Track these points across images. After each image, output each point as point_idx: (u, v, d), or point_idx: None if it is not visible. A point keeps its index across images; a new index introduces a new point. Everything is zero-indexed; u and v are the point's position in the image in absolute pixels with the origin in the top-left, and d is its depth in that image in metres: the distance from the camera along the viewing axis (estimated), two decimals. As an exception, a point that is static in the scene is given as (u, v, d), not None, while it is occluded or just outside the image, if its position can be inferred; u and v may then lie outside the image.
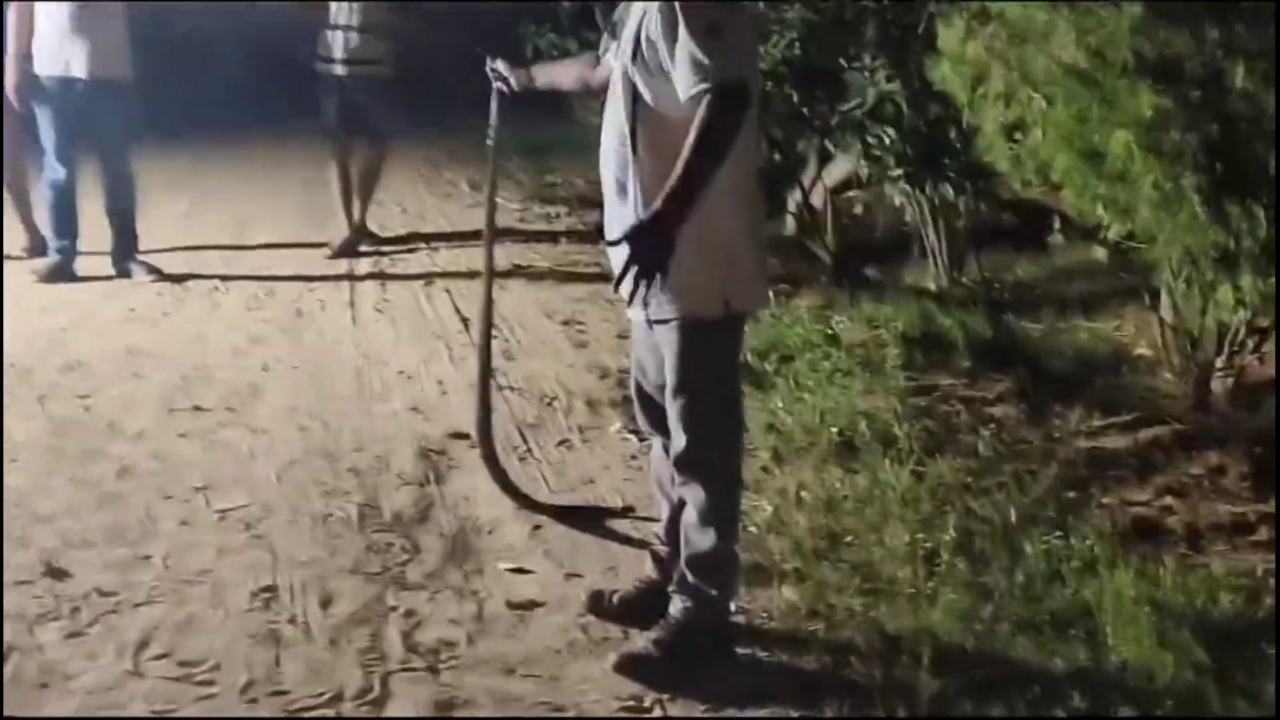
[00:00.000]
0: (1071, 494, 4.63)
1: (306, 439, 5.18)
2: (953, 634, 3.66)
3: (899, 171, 7.80)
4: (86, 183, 7.76)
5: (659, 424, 3.66)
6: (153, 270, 7.58)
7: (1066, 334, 6.94)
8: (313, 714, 3.32)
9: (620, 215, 3.42)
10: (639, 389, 3.74)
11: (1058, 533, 4.23)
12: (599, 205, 9.50)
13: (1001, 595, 3.85)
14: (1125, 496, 4.74)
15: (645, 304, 3.18)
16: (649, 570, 3.88)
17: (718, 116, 3.06)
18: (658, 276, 3.05)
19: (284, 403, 5.59)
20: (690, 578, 3.55)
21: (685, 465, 3.49)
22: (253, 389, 5.75)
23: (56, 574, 3.99)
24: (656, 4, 3.23)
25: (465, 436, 5.18)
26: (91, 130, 7.52)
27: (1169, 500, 4.73)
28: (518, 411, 5.52)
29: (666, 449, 3.67)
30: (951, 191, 7.77)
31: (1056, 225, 7.59)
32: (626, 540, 4.33)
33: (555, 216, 9.70)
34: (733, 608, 3.68)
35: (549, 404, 5.62)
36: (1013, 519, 4.33)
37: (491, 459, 4.64)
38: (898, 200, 8.14)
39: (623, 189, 3.42)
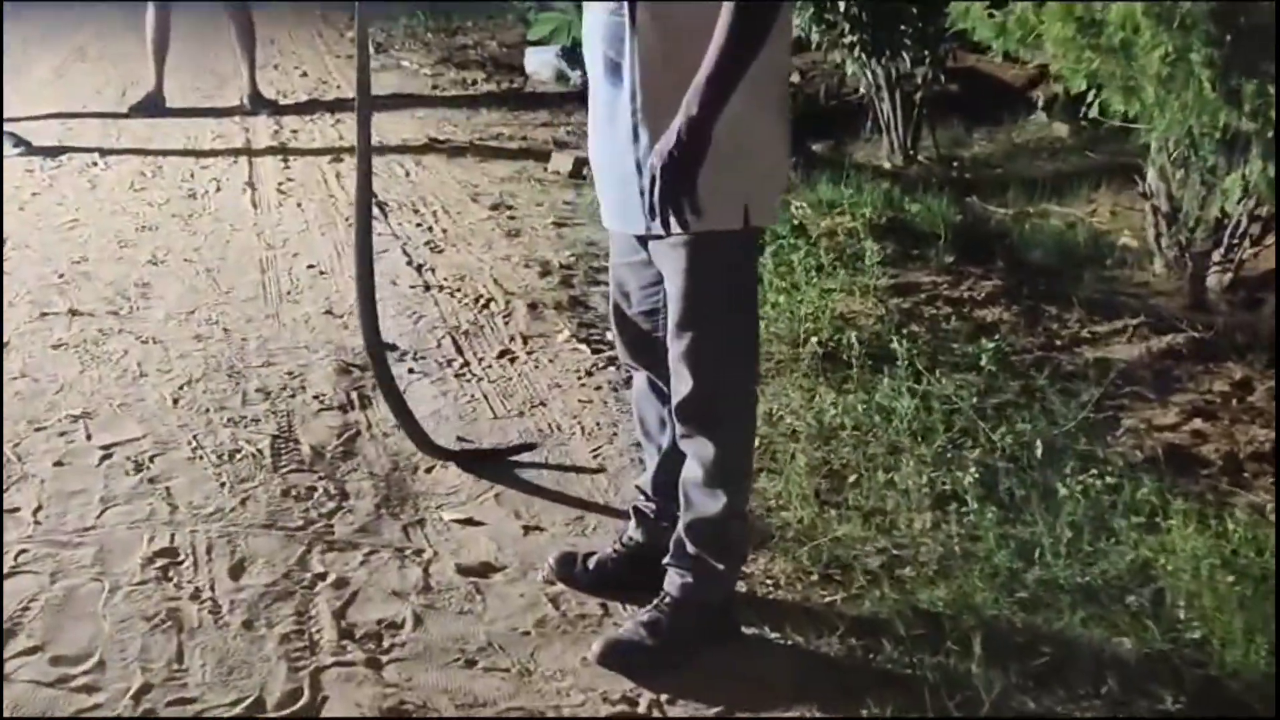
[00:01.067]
0: (1089, 416, 4.02)
1: (205, 351, 4.43)
2: (995, 605, 3.04)
3: (853, 39, 7.18)
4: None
5: (643, 354, 3.00)
6: (20, 142, 6.69)
7: (1037, 219, 6.37)
8: (227, 729, 2.63)
9: (610, 100, 2.72)
10: (618, 312, 3.05)
11: (1092, 471, 3.62)
12: (517, 70, 8.91)
13: (1043, 553, 3.24)
14: (1148, 419, 4.16)
15: (670, 228, 2.52)
16: (632, 530, 3.22)
17: (748, 8, 2.42)
18: (686, 199, 2.46)
19: (177, 305, 4.83)
20: (690, 547, 2.90)
21: (690, 414, 2.81)
22: (140, 288, 4.98)
23: (-99, 537, 3.25)
24: None
25: (392, 347, 4.48)
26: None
27: (1198, 424, 4.17)
28: (449, 316, 4.80)
29: (654, 385, 3.01)
30: (909, 62, 7.19)
31: (1040, 102, 6.93)
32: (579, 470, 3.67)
33: (472, 83, 8.87)
34: (738, 581, 3.02)
35: (485, 306, 4.90)
36: (1039, 452, 3.71)
37: (391, 389, 3.77)
38: (850, 70, 7.49)
39: (614, 69, 2.69)
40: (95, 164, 6.60)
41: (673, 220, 2.48)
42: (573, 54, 9.16)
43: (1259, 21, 4.57)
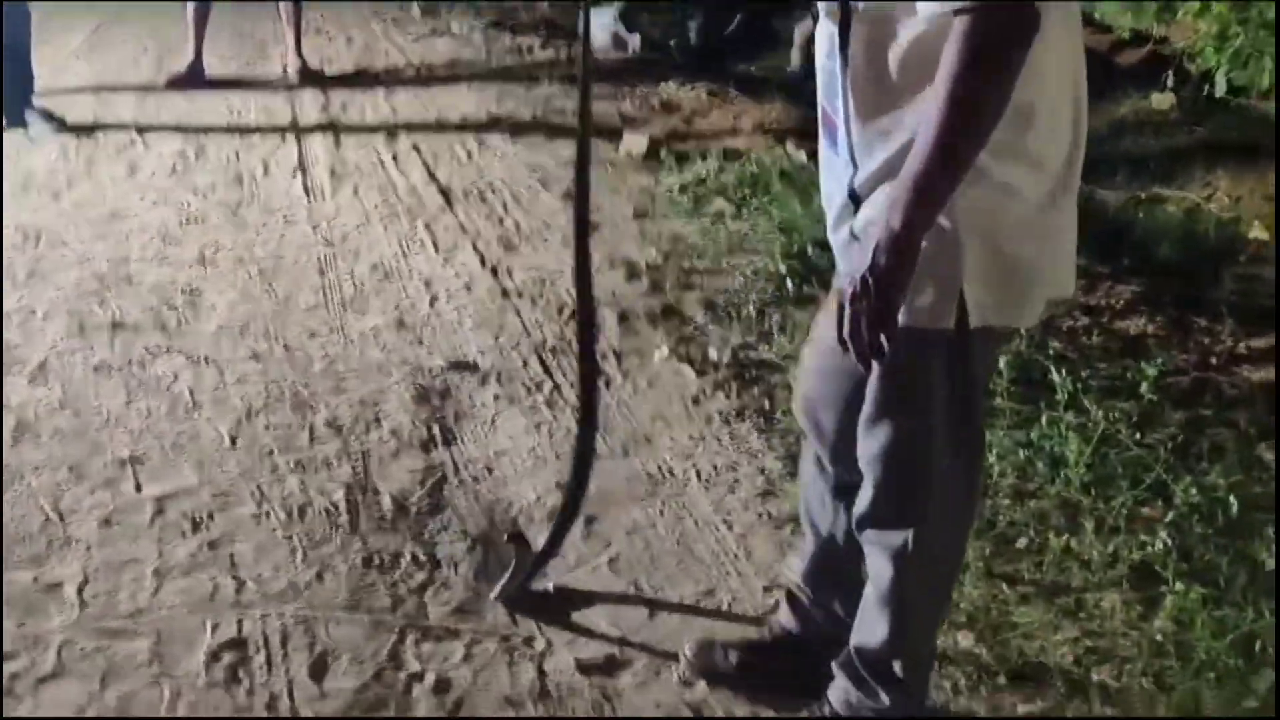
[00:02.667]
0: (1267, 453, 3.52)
1: (265, 374, 3.94)
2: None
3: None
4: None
5: (821, 432, 2.46)
6: (54, 120, 6.17)
7: (1150, 204, 5.84)
8: None
9: (830, 163, 2.18)
10: (809, 355, 2.53)
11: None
12: (573, 34, 8.37)
13: (1266, 647, 2.73)
14: (1339, 462, 3.64)
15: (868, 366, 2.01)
16: (782, 618, 2.72)
17: (980, 56, 1.82)
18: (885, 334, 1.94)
19: (230, 316, 4.33)
20: (860, 669, 2.42)
21: (869, 524, 2.32)
22: (188, 295, 4.47)
23: (-74, 621, 2.77)
24: None
25: (472, 367, 4.00)
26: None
27: None
28: (533, 329, 4.29)
29: (823, 464, 2.49)
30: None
31: (1170, 80, 6.38)
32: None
33: (529, 50, 8.31)
34: (919, 709, 2.50)
35: (571, 318, 4.38)
36: (1233, 509, 3.20)
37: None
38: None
39: (831, 129, 2.15)
40: (133, 143, 6.07)
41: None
42: (630, 16, 8.61)
43: None
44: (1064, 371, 3.68)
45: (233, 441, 3.55)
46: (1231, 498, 3.24)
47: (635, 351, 4.16)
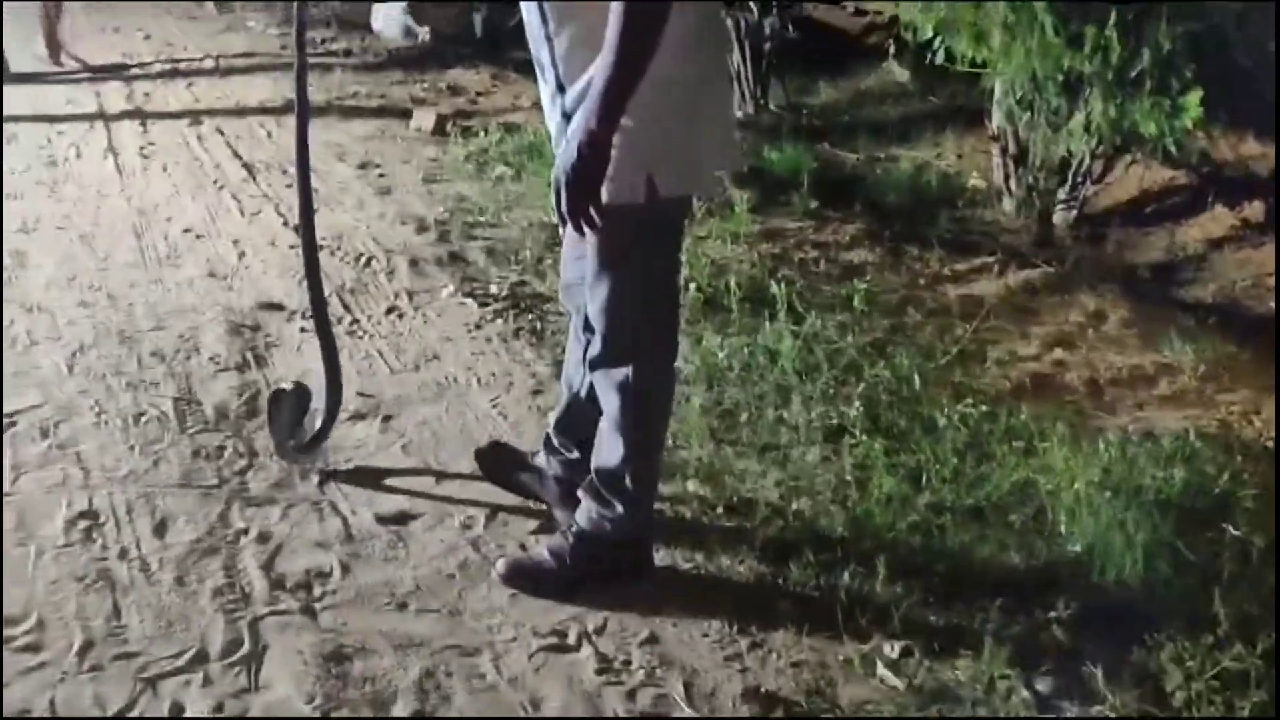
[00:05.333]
0: (956, 349, 4.26)
1: (93, 317, 4.44)
2: (892, 530, 3.25)
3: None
4: None
5: (573, 298, 3.13)
6: None
7: (887, 163, 6.62)
8: (176, 678, 2.71)
9: (546, 94, 2.81)
10: (565, 253, 3.18)
11: (967, 400, 3.86)
12: (363, 27, 8.88)
13: (930, 479, 3.46)
14: (1012, 350, 4.41)
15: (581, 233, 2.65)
16: (542, 461, 3.39)
17: (635, 21, 2.44)
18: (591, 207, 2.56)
19: (56, 272, 4.81)
20: (599, 488, 3.05)
21: (598, 365, 2.95)
22: (16, 256, 4.93)
23: None
24: None
25: (279, 307, 4.56)
26: None
27: (1059, 353, 4.43)
28: (333, 275, 4.85)
29: (578, 335, 3.15)
30: (756, 13, 7.37)
31: (891, 50, 7.16)
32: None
33: (321, 42, 8.83)
34: (649, 520, 3.15)
35: (366, 264, 4.98)
36: (917, 385, 3.94)
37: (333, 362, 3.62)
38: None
39: (542, 68, 2.78)
40: (-56, 133, 6.47)
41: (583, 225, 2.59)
42: (418, 10, 9.17)
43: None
44: (783, 286, 4.37)
45: (69, 370, 4.05)
46: (916, 374, 3.97)
47: (425, 290, 4.76)
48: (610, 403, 2.94)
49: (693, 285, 4.60)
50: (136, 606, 2.93)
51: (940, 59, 5.70)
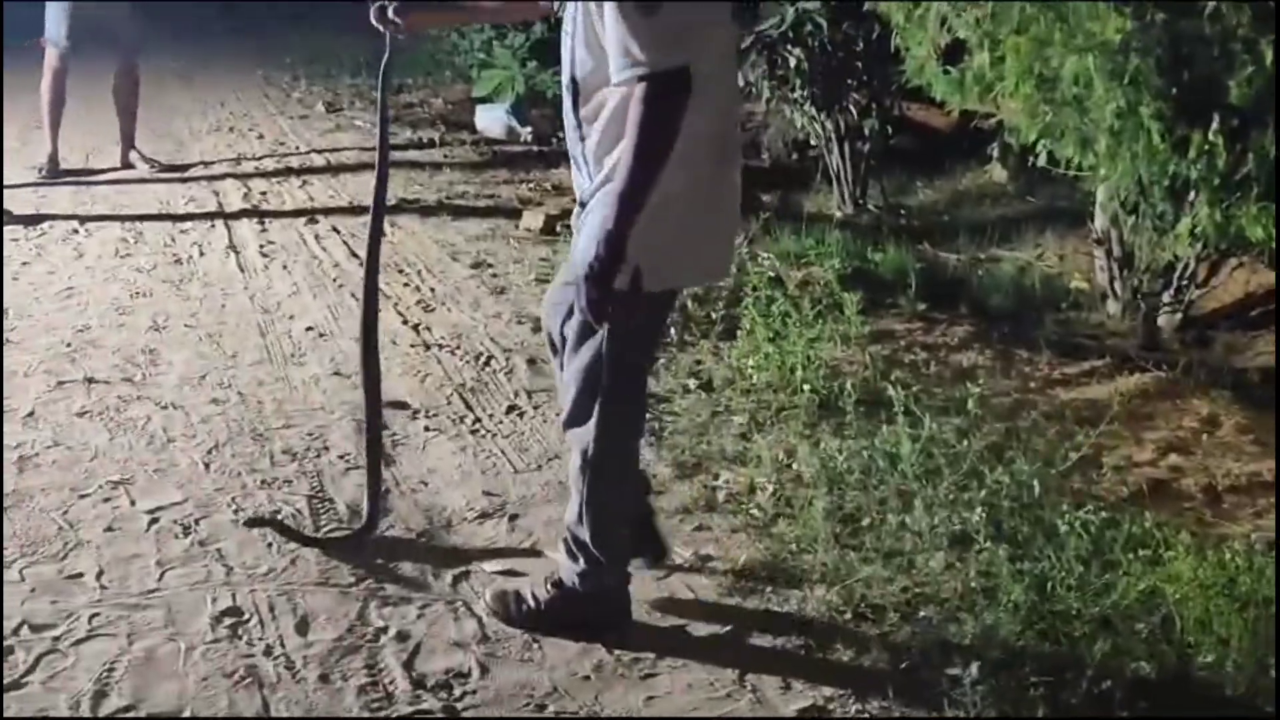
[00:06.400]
0: (1074, 454, 4.28)
1: (226, 415, 4.58)
2: (1020, 638, 3.29)
3: (803, 93, 7.45)
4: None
5: (551, 330, 3.36)
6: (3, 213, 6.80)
7: (989, 264, 6.67)
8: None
9: (578, 182, 3.10)
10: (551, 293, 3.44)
11: (1088, 507, 3.88)
12: (467, 127, 9.09)
13: (1055, 587, 3.49)
14: (1128, 456, 4.43)
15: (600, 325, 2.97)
16: None
17: (652, 113, 2.72)
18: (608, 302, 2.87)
19: (187, 370, 4.97)
20: (567, 542, 3.32)
21: (567, 425, 3.22)
22: (148, 354, 5.11)
23: (-26, 605, 3.38)
24: None
25: (403, 405, 4.67)
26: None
27: (1175, 459, 4.45)
28: (453, 373, 4.98)
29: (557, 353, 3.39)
30: (856, 114, 7.48)
31: (994, 152, 7.24)
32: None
33: (428, 142, 9.06)
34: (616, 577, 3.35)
35: (486, 364, 5.10)
36: (1036, 491, 3.97)
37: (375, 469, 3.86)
38: (799, 123, 7.76)
39: (578, 164, 3.07)
40: (76, 231, 6.71)
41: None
42: (520, 111, 9.38)
43: (1203, 73, 4.87)
44: (899, 390, 4.43)
45: (206, 467, 4.18)
46: (1034, 481, 4.01)
47: (543, 390, 4.85)
48: (573, 461, 3.21)
49: (807, 387, 4.66)
50: (285, 704, 3.02)
51: (1043, 162, 5.75)
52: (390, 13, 3.50)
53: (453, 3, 3.85)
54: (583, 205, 3.02)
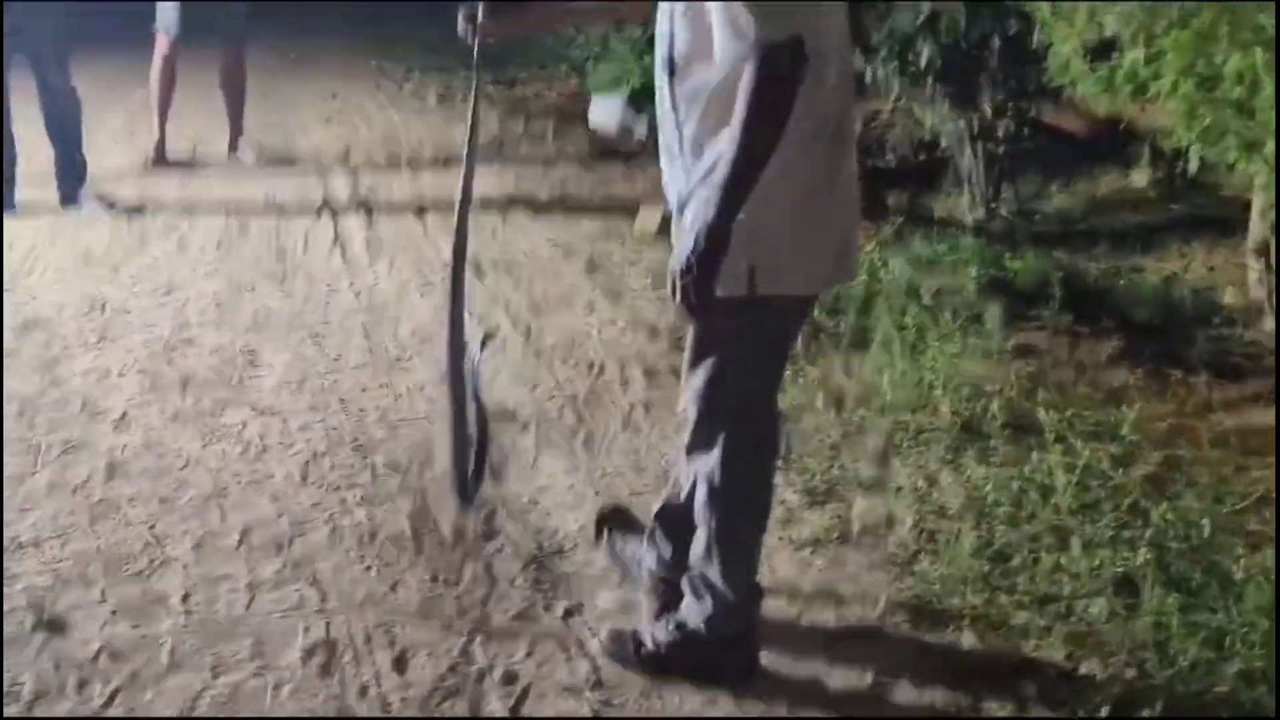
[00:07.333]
0: (1241, 488, 3.90)
1: (325, 423, 4.32)
2: (1200, 702, 2.92)
3: (935, 91, 7.08)
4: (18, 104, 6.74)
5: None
6: (108, 203, 6.61)
7: (1131, 274, 6.26)
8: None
9: (672, 176, 2.79)
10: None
11: (1267, 551, 3.50)
12: (580, 119, 8.81)
13: (1235, 643, 3.11)
14: (1302, 493, 4.02)
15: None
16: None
17: (763, 89, 2.43)
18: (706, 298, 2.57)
19: (287, 373, 4.72)
20: (694, 581, 3.01)
21: (689, 451, 2.96)
22: (247, 355, 4.87)
23: (53, 627, 3.15)
24: None
25: (511, 416, 4.38)
26: (19, 44, 6.51)
27: (1358, 498, 4.03)
28: (565, 384, 4.68)
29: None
30: (991, 114, 7.09)
31: (1145, 158, 6.82)
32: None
33: (540, 136, 8.78)
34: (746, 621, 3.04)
35: (600, 374, 4.79)
36: (1206, 530, 3.59)
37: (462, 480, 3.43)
38: (929, 122, 7.39)
39: (670, 152, 2.76)
40: (180, 223, 6.50)
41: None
42: (635, 105, 9.07)
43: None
44: (1050, 414, 4.06)
45: (303, 479, 3.93)
46: (1204, 520, 3.63)
47: (660, 402, 4.54)
48: (699, 492, 2.91)
49: (947, 408, 4.32)
50: (379, 753, 2.73)
51: (1194, 167, 5.36)
52: (479, 19, 3.23)
53: (546, 4, 3.51)
54: (680, 211, 2.74)
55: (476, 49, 3.30)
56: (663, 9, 2.69)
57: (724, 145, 2.50)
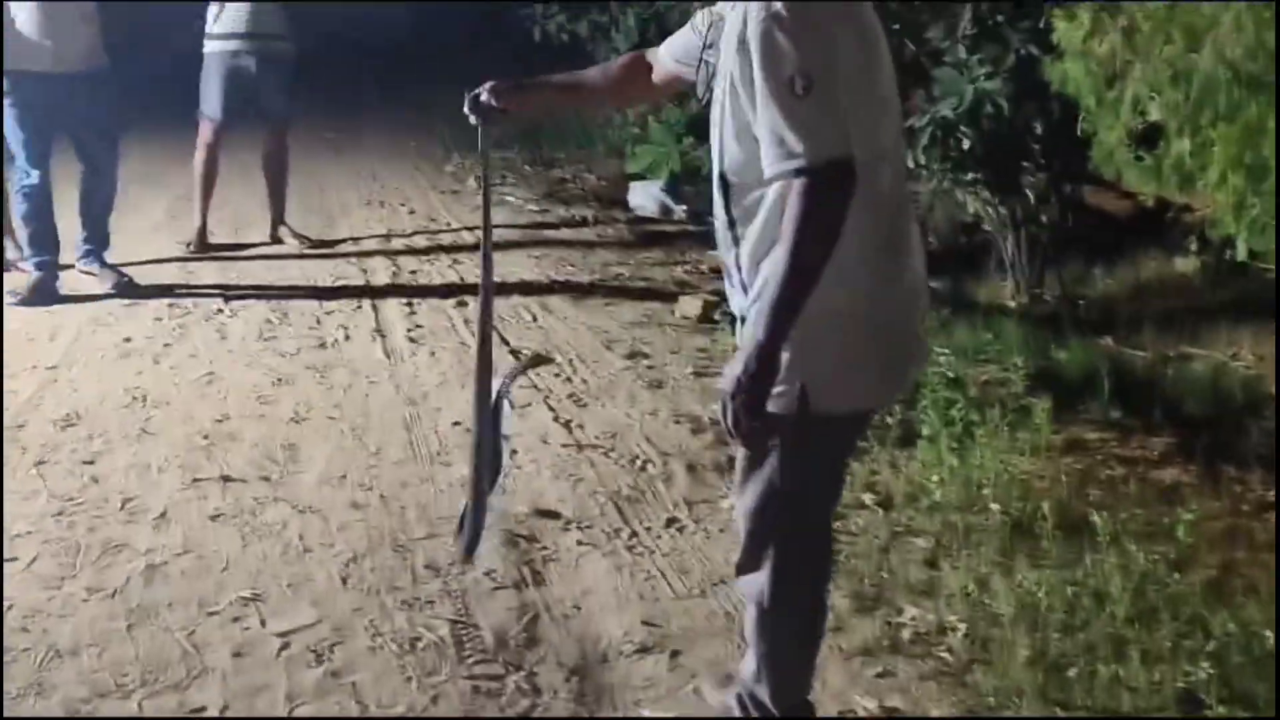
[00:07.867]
0: (1300, 593, 3.79)
1: (366, 521, 4.28)
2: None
3: (976, 176, 7.04)
4: (60, 187, 6.78)
5: None
6: (120, 279, 6.65)
7: (1179, 363, 6.17)
8: None
9: (731, 290, 2.77)
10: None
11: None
12: (620, 203, 8.79)
13: (1301, 763, 3.01)
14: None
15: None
16: None
17: (809, 211, 2.40)
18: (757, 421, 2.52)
19: (328, 468, 4.68)
20: (741, 695, 2.99)
21: (739, 570, 2.88)
22: (288, 449, 4.83)
23: (89, 743, 3.09)
24: (743, 15, 2.46)
25: (554, 515, 4.33)
26: (68, 128, 6.56)
27: None
28: (607, 479, 4.62)
29: None
30: (1033, 200, 7.04)
31: (1193, 245, 6.75)
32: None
33: (580, 219, 8.78)
34: None
35: (642, 469, 4.73)
36: (1269, 642, 3.49)
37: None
38: (971, 208, 7.34)
39: (729, 272, 2.75)
40: (220, 310, 6.51)
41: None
42: (675, 189, 9.06)
43: None
44: (1104, 516, 3.98)
45: (343, 582, 3.87)
46: (1268, 631, 3.53)
47: (705, 501, 4.48)
48: (748, 613, 2.86)
49: (996, 506, 4.23)
50: None
51: (1242, 256, 5.28)
52: (484, 99, 3.15)
53: (554, 86, 3.43)
54: (743, 320, 2.69)
55: (481, 136, 3.28)
56: (713, 123, 2.65)
57: (775, 258, 2.46)
